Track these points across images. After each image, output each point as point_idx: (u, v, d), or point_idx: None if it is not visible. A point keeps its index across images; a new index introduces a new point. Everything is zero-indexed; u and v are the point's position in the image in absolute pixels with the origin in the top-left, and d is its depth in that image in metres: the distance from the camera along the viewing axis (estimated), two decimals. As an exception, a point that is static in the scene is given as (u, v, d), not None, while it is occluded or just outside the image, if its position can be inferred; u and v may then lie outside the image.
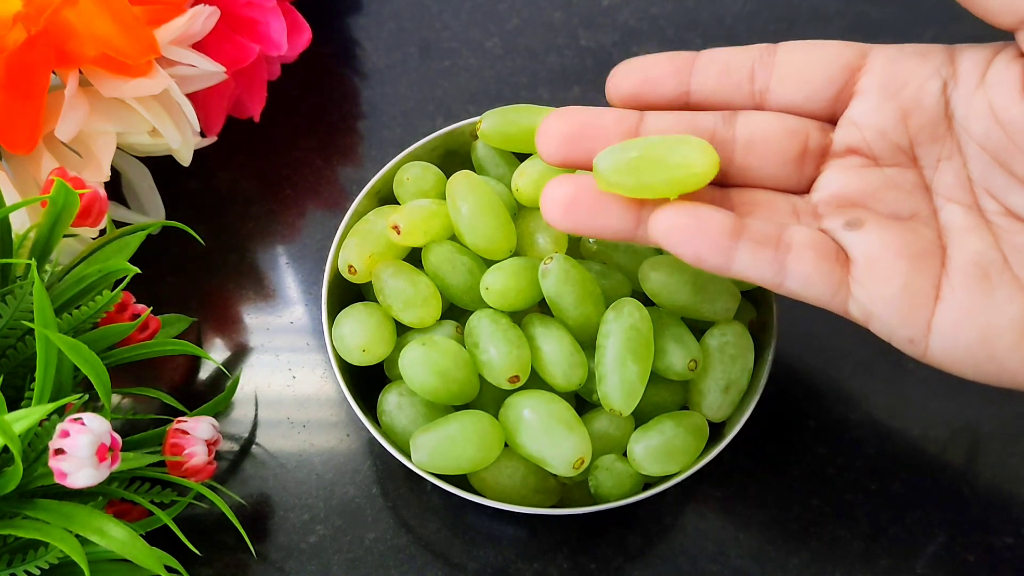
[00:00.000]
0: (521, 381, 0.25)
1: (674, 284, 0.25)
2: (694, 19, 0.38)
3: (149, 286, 0.30)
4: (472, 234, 0.26)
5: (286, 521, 0.28)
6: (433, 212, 0.26)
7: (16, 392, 0.25)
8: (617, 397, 0.24)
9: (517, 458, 0.25)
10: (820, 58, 0.23)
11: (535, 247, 0.27)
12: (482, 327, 0.25)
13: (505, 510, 0.25)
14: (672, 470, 0.25)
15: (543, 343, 0.25)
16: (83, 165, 0.28)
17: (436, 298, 0.26)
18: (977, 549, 0.28)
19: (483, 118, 0.28)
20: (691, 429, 0.25)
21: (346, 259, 0.27)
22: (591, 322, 0.25)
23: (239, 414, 0.30)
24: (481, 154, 0.29)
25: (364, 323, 0.26)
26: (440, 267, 0.26)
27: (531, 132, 0.28)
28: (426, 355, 0.25)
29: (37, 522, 0.22)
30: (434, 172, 0.28)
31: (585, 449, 0.24)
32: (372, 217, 0.27)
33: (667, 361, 0.25)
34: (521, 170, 0.27)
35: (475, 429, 0.24)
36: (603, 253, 0.27)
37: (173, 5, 0.29)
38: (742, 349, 0.26)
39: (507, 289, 0.25)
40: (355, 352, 0.26)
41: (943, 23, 0.37)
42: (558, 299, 0.25)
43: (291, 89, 0.36)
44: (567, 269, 0.25)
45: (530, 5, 0.38)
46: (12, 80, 0.26)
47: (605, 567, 0.27)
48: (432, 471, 0.25)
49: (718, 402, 0.26)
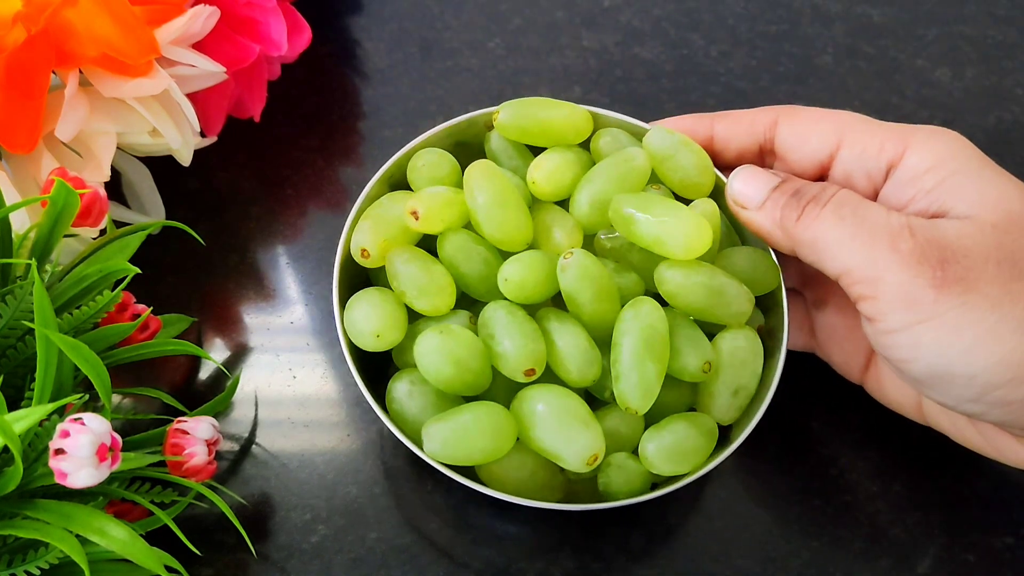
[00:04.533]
0: (537, 375, 0.25)
1: (690, 287, 0.25)
2: (696, 19, 0.38)
3: (149, 286, 0.30)
4: (489, 224, 0.26)
5: (287, 521, 0.28)
6: (451, 200, 0.26)
7: (16, 392, 0.25)
8: (635, 396, 0.24)
9: (526, 452, 0.25)
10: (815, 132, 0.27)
11: (551, 241, 0.26)
12: (498, 318, 0.25)
13: (510, 504, 0.24)
14: (682, 470, 0.25)
15: (558, 338, 0.25)
16: (83, 165, 0.28)
17: (451, 287, 0.26)
18: (977, 549, 0.28)
19: (500, 109, 0.28)
20: (703, 430, 0.25)
21: (359, 243, 0.26)
22: (606, 319, 0.25)
23: (239, 414, 0.30)
24: (495, 145, 0.29)
25: (378, 308, 0.25)
26: (455, 256, 0.26)
27: (549, 126, 0.28)
28: (443, 343, 0.24)
29: (37, 522, 0.22)
30: (449, 160, 0.28)
31: (599, 446, 0.24)
32: (386, 202, 0.27)
33: (681, 362, 0.25)
34: (537, 163, 0.27)
35: (489, 421, 0.24)
36: (617, 252, 0.27)
37: (173, 5, 0.29)
38: (752, 354, 0.26)
39: (525, 281, 0.25)
40: (368, 337, 0.25)
41: (944, 23, 0.37)
42: (575, 295, 0.25)
43: (291, 89, 0.36)
44: (587, 265, 0.25)
45: (532, 5, 0.38)
46: (12, 80, 0.26)
47: (608, 566, 0.27)
48: (444, 461, 0.24)
49: (727, 405, 0.26)
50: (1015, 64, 0.36)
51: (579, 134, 0.28)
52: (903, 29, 0.37)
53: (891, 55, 0.36)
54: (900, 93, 0.36)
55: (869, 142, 0.26)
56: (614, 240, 0.27)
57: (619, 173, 0.27)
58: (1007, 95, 0.36)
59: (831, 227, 0.24)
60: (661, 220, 0.25)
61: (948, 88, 0.36)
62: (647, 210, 0.25)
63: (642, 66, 0.36)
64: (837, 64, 0.36)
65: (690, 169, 0.27)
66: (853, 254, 0.23)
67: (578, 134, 0.28)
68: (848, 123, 0.26)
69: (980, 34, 0.37)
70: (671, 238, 0.25)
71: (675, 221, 0.25)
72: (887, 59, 0.36)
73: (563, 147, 0.28)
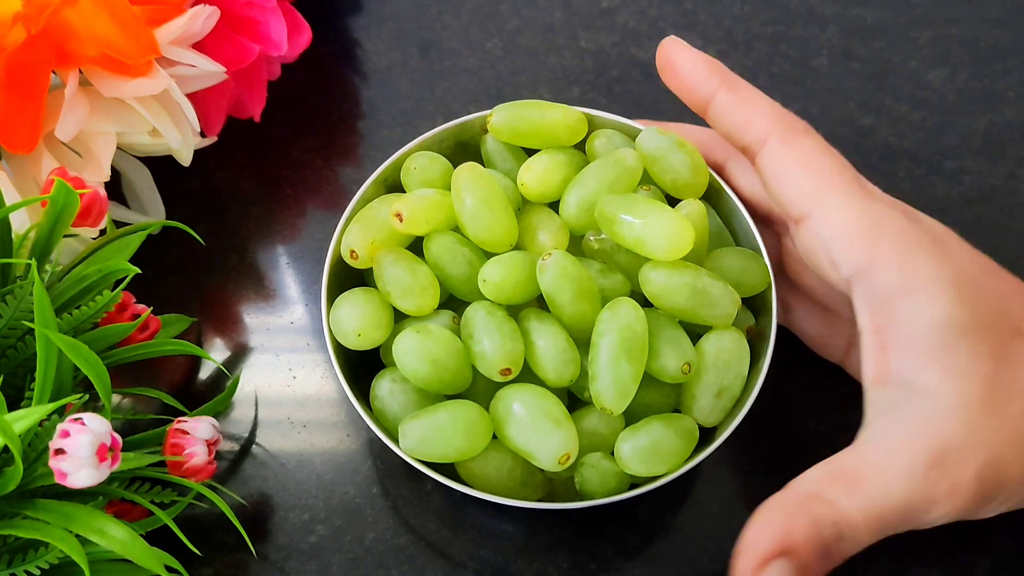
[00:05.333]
0: (513, 374, 0.25)
1: (673, 288, 0.25)
2: (692, 20, 0.38)
3: (149, 286, 0.30)
4: (474, 226, 0.26)
5: (286, 521, 0.28)
6: (437, 202, 0.26)
7: (16, 392, 0.25)
8: (609, 396, 0.24)
9: (504, 450, 0.25)
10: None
11: (536, 243, 0.27)
12: (477, 318, 0.25)
13: (502, 507, 0.25)
14: (659, 471, 0.25)
15: (537, 338, 0.25)
16: (83, 165, 0.28)
17: (434, 287, 0.26)
18: (977, 549, 0.28)
19: (494, 112, 0.28)
20: (680, 432, 0.25)
21: (348, 244, 0.27)
22: (587, 319, 0.25)
23: (239, 414, 0.30)
24: (490, 148, 0.29)
25: (361, 308, 0.26)
26: (440, 257, 0.26)
27: (542, 128, 0.28)
28: (420, 343, 0.25)
29: (37, 522, 0.22)
30: (441, 163, 0.28)
31: (571, 445, 0.24)
32: (377, 204, 0.27)
33: (661, 363, 0.25)
34: (527, 166, 0.27)
35: (463, 419, 0.25)
36: (604, 252, 0.27)
37: (173, 5, 0.29)
38: (737, 356, 0.26)
39: (504, 282, 0.25)
40: (350, 336, 0.26)
41: (938, 26, 0.37)
42: (555, 295, 0.25)
43: (291, 89, 0.36)
44: (565, 266, 0.25)
45: (530, 6, 0.38)
46: (12, 80, 0.26)
47: (605, 566, 0.28)
48: (419, 458, 0.25)
49: (709, 407, 0.26)
50: (1008, 67, 0.37)
51: (573, 135, 0.28)
52: (897, 31, 0.37)
53: (885, 57, 0.37)
54: (894, 95, 0.36)
55: (841, 231, 0.24)
56: (602, 242, 0.27)
57: (609, 174, 0.27)
58: (1000, 98, 0.36)
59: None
60: (643, 221, 0.25)
61: (941, 90, 0.36)
62: (630, 211, 0.25)
63: (639, 67, 0.37)
64: (832, 66, 0.37)
65: (682, 170, 0.27)
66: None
67: (572, 135, 0.28)
68: (828, 190, 0.24)
69: (973, 37, 0.37)
70: (652, 239, 0.25)
71: (657, 222, 0.25)
72: (881, 61, 0.37)
73: (556, 149, 0.28)
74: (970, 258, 0.24)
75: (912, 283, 0.23)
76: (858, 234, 0.24)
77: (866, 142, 0.35)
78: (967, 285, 0.23)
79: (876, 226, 0.24)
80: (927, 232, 0.24)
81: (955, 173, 0.34)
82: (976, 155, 0.34)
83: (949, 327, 0.22)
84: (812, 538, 0.21)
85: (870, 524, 0.22)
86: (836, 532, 0.21)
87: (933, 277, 0.23)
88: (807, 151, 0.25)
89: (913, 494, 0.21)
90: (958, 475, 0.22)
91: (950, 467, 0.22)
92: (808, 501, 0.22)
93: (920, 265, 0.23)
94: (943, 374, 0.22)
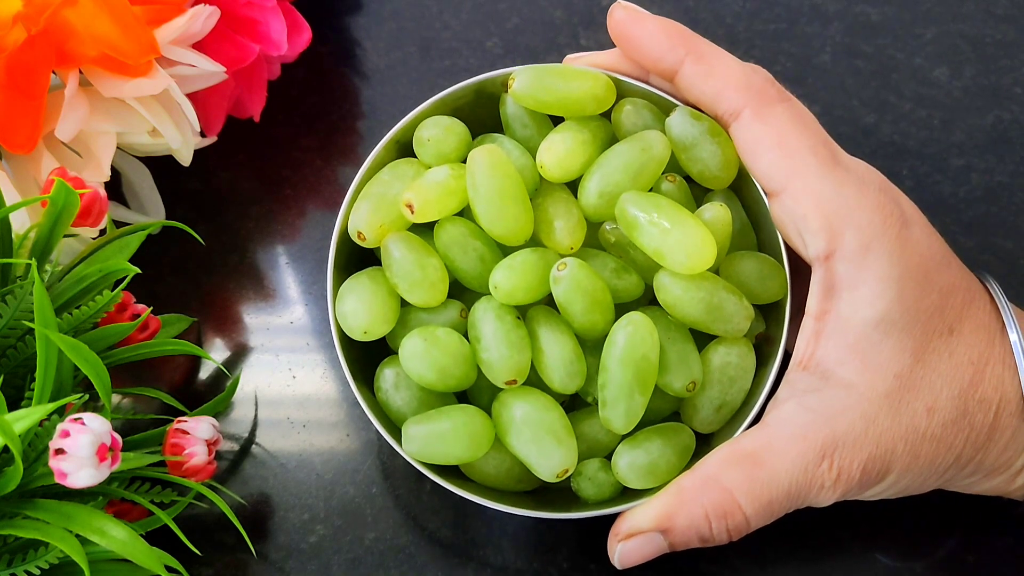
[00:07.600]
0: (518, 384, 0.25)
1: (688, 301, 0.25)
2: (694, 18, 0.38)
3: (149, 286, 0.30)
4: (488, 218, 0.25)
5: (286, 521, 0.28)
6: (449, 189, 0.25)
7: (16, 392, 0.25)
8: (619, 423, 0.25)
9: (504, 450, 0.25)
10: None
11: (552, 236, 0.26)
12: (486, 322, 0.25)
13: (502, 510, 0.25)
14: (653, 485, 0.25)
15: (545, 343, 0.25)
16: (83, 165, 0.28)
17: (443, 282, 0.26)
18: (977, 549, 0.28)
19: (515, 76, 0.26)
20: (677, 449, 0.25)
21: (355, 225, 0.26)
22: (598, 328, 0.25)
23: (239, 414, 0.30)
24: (511, 112, 0.27)
25: (367, 303, 0.25)
26: (451, 248, 0.25)
27: (567, 98, 0.26)
28: (426, 351, 0.24)
29: (37, 522, 0.22)
30: (456, 134, 0.26)
31: (571, 461, 0.25)
32: (386, 177, 0.26)
33: (667, 379, 0.25)
34: (548, 145, 0.26)
35: (466, 428, 0.24)
36: (620, 246, 0.26)
37: (173, 5, 0.29)
38: (743, 371, 0.26)
39: (515, 289, 0.25)
40: (356, 332, 0.25)
41: (943, 22, 0.37)
42: (567, 305, 0.25)
43: (291, 89, 0.36)
44: (580, 279, 0.24)
45: (530, 5, 0.38)
46: (12, 80, 0.26)
47: (605, 567, 0.27)
48: (422, 460, 0.25)
49: (710, 419, 0.26)
50: (1014, 63, 0.36)
51: (600, 105, 0.26)
52: (901, 28, 0.37)
53: (889, 54, 0.36)
54: (898, 92, 0.36)
55: (809, 213, 0.24)
56: (619, 234, 0.26)
57: (634, 161, 0.25)
58: (1006, 94, 0.36)
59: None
60: (664, 232, 0.24)
61: (946, 87, 0.36)
62: (652, 218, 0.24)
63: (641, 66, 0.36)
64: (835, 63, 0.36)
65: (711, 162, 0.26)
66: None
67: (599, 106, 0.26)
68: (802, 168, 0.24)
69: (978, 33, 0.37)
70: (672, 254, 0.24)
71: (679, 236, 0.24)
72: (885, 58, 0.36)
73: (579, 121, 0.26)
74: (927, 249, 0.24)
75: (860, 278, 0.24)
76: (823, 221, 0.24)
77: (870, 140, 0.35)
78: (912, 282, 0.24)
79: (842, 215, 0.24)
80: (896, 219, 0.24)
81: (961, 171, 0.34)
82: (983, 152, 0.34)
83: (881, 324, 0.23)
84: (692, 527, 0.24)
85: (759, 512, 0.24)
86: (722, 522, 0.24)
87: (881, 275, 0.24)
88: (781, 126, 0.25)
89: (802, 483, 0.24)
90: (847, 465, 0.23)
91: (840, 458, 0.23)
92: (705, 487, 0.24)
93: (872, 260, 0.24)
94: (862, 368, 0.23)
